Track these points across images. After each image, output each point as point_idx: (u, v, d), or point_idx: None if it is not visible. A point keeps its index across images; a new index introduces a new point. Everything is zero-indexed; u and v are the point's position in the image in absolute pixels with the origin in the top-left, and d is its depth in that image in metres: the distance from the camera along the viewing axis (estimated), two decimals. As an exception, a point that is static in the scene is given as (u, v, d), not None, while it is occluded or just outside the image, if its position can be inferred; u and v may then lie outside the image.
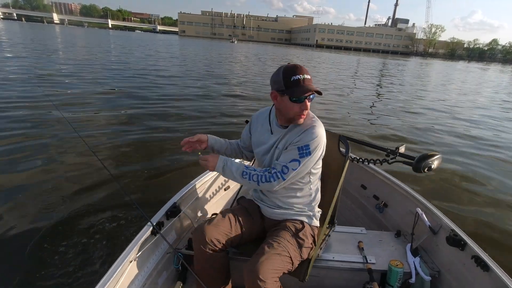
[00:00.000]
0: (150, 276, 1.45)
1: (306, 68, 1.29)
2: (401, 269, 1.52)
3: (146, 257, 1.46)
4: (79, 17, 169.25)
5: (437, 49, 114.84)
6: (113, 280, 1.18)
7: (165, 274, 1.58)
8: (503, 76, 32.59)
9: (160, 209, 1.63)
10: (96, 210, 2.74)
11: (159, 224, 1.54)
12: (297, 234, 1.41)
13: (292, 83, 1.25)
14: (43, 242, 2.32)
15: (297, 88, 1.26)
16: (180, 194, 1.76)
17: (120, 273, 1.24)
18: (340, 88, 12.24)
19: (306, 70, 1.28)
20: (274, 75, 1.32)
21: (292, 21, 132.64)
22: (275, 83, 1.31)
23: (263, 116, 1.55)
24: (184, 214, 1.77)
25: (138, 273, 1.39)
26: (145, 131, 4.97)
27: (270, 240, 1.34)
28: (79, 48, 20.86)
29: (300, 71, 1.26)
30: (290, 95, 1.27)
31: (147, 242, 1.43)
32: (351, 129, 6.20)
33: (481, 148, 5.69)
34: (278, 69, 1.32)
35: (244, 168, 1.35)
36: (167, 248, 1.59)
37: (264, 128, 1.51)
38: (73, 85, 7.96)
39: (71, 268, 2.08)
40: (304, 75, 1.26)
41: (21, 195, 2.91)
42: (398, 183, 2.03)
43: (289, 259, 1.31)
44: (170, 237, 1.65)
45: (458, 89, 16.06)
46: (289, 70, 1.27)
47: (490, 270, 1.32)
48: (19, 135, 4.31)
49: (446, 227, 1.61)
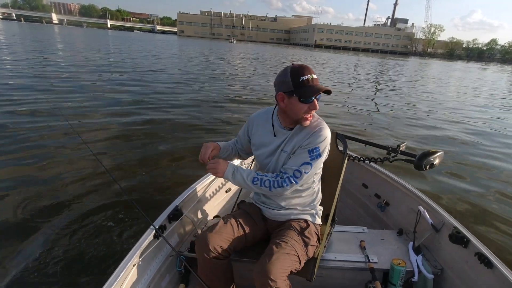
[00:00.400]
0: (153, 279, 1.46)
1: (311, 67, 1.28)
2: (404, 267, 1.51)
3: (149, 260, 1.46)
4: (78, 17, 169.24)
5: (436, 49, 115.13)
6: (116, 284, 1.19)
7: (168, 277, 1.58)
8: (501, 76, 32.65)
9: (162, 212, 1.63)
10: (99, 214, 2.74)
11: (161, 228, 1.54)
12: (302, 233, 1.41)
13: (301, 83, 1.23)
14: (46, 245, 2.31)
15: (307, 88, 1.24)
16: (182, 197, 1.76)
17: (124, 277, 1.25)
18: (340, 87, 12.24)
19: (312, 69, 1.27)
20: (280, 76, 1.29)
21: (291, 21, 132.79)
22: (282, 84, 1.28)
23: (263, 118, 1.51)
24: (186, 217, 1.77)
25: (142, 276, 1.39)
26: (146, 134, 4.96)
27: (278, 240, 1.34)
28: (77, 48, 20.80)
29: (307, 71, 1.25)
30: (299, 96, 1.25)
31: (150, 246, 1.43)
32: (351, 129, 6.19)
33: (484, 144, 5.69)
34: (283, 70, 1.29)
35: (255, 174, 1.33)
36: (169, 251, 1.60)
37: (265, 129, 1.47)
38: (75, 91, 7.90)
39: (74, 272, 2.08)
40: (312, 75, 1.25)
41: (25, 198, 2.90)
42: (399, 181, 2.02)
43: (297, 258, 1.31)
44: (172, 240, 1.66)
45: (458, 88, 16.09)
46: (296, 71, 1.24)
47: (494, 267, 1.32)
48: (30, 147, 4.20)
49: (449, 225, 1.60)
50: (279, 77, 1.29)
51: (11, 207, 2.73)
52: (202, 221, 1.92)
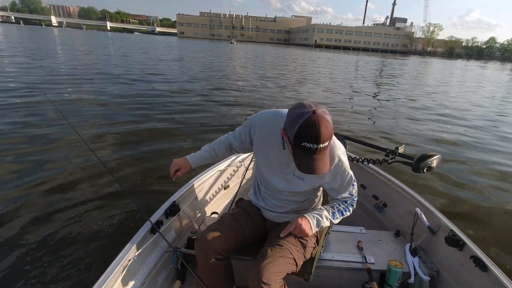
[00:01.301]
0: (149, 275, 1.45)
1: (329, 126, 1.01)
2: (400, 269, 1.52)
3: (145, 256, 1.45)
4: (77, 19, 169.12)
5: (435, 48, 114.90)
6: (111, 278, 1.18)
7: (164, 273, 1.58)
8: (502, 74, 32.57)
9: (160, 207, 1.62)
10: (95, 209, 2.74)
11: (158, 223, 1.53)
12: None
13: (301, 146, 1.03)
14: (40, 238, 2.32)
15: (301, 157, 1.07)
16: (180, 193, 1.75)
17: (119, 272, 1.24)
18: (340, 87, 12.24)
19: (327, 133, 1.01)
20: (291, 119, 1.04)
21: (291, 21, 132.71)
22: (288, 127, 1.07)
23: (269, 125, 1.32)
24: (184, 213, 1.77)
25: (137, 271, 1.38)
26: (145, 131, 4.99)
27: (273, 242, 1.33)
28: (77, 51, 20.83)
29: (315, 139, 1.00)
30: (293, 155, 1.11)
31: (146, 241, 1.43)
32: (350, 129, 6.20)
33: (482, 148, 5.67)
34: (297, 116, 1.02)
35: (331, 215, 1.34)
36: (166, 247, 1.59)
37: (272, 139, 1.31)
38: (73, 89, 7.95)
39: (69, 266, 2.08)
40: (320, 144, 1.01)
41: (22, 194, 2.92)
42: (397, 183, 2.03)
43: (292, 260, 1.31)
44: (169, 236, 1.65)
45: (459, 88, 16.05)
46: (305, 129, 1.00)
47: (489, 270, 1.33)
48: (33, 152, 4.22)
49: (445, 227, 1.61)
50: (289, 116, 1.07)
51: (15, 206, 2.74)
52: (199, 217, 1.92)
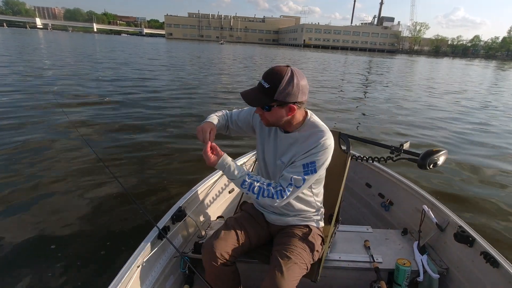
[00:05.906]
0: (157, 280, 1.46)
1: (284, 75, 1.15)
2: (409, 267, 1.51)
3: (153, 261, 1.46)
4: (63, 21, 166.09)
5: (422, 46, 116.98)
6: (121, 285, 1.18)
7: (172, 278, 1.58)
8: (486, 71, 33.38)
9: (166, 213, 1.62)
10: (101, 214, 2.74)
11: (165, 229, 1.53)
12: (306, 239, 1.39)
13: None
14: (49, 244, 2.31)
15: None
16: (185, 198, 1.76)
17: (128, 278, 1.24)
18: (334, 87, 12.30)
19: (274, 75, 1.17)
20: (294, 85, 1.14)
21: (279, 22, 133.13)
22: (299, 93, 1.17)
23: None
24: (190, 217, 1.77)
25: (146, 277, 1.39)
26: (148, 137, 4.93)
27: (282, 250, 1.31)
28: (60, 55, 20.43)
29: (264, 74, 1.19)
30: None
31: (154, 247, 1.44)
32: (354, 128, 6.22)
33: (488, 142, 5.69)
34: (290, 77, 1.14)
35: (247, 177, 1.22)
36: (173, 252, 1.60)
37: (264, 128, 1.39)
38: (77, 85, 7.81)
39: (78, 273, 2.08)
40: (262, 79, 1.19)
41: (30, 199, 2.91)
42: (403, 180, 2.02)
43: (305, 265, 1.30)
44: (176, 241, 1.65)
45: (452, 84, 16.31)
46: None
47: (500, 266, 1.31)
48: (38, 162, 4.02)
49: (454, 224, 1.60)
50: (290, 84, 1.14)
51: (13, 207, 2.74)
52: (205, 222, 1.92)
